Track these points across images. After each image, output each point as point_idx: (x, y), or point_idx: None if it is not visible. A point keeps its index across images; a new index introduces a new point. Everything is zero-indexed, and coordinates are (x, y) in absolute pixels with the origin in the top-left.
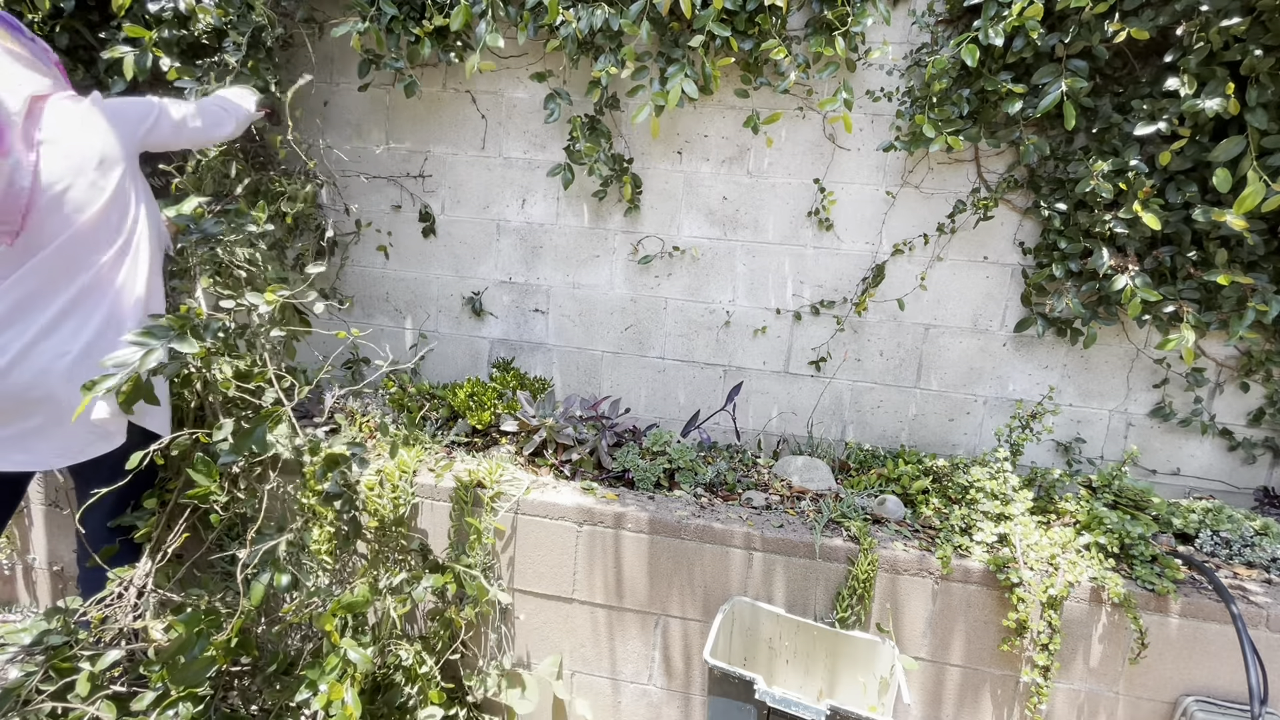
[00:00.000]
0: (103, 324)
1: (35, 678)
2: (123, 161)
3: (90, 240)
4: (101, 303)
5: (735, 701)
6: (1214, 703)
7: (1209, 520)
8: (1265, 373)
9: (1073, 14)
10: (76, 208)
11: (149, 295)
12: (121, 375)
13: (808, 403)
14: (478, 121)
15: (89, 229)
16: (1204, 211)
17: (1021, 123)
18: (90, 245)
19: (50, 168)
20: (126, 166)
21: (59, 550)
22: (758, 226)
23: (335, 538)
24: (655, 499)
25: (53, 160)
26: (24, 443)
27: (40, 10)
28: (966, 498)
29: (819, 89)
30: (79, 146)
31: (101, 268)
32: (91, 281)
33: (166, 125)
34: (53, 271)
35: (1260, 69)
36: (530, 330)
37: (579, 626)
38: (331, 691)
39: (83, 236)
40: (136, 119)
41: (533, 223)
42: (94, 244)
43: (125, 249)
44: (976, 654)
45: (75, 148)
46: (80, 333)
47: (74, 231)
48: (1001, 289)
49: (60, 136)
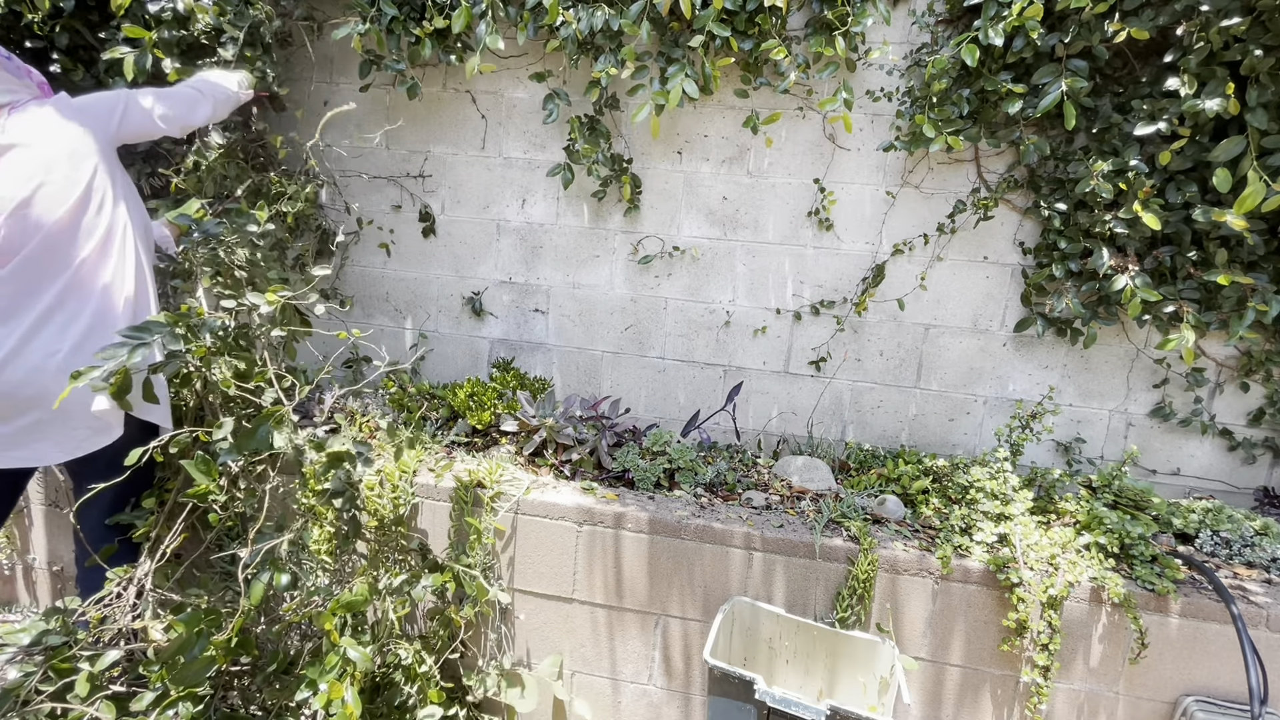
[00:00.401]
0: (92, 321)
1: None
2: (96, 155)
3: (68, 236)
4: (88, 300)
5: (735, 701)
6: (1214, 703)
7: (1209, 520)
8: (1265, 373)
9: (1073, 14)
10: (51, 205)
11: (138, 291)
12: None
13: (808, 403)
14: (478, 121)
15: (65, 225)
16: (1204, 211)
17: (1021, 123)
18: (69, 241)
19: (21, 170)
20: (101, 161)
21: (59, 550)
22: (758, 226)
23: (335, 537)
24: (655, 499)
25: (24, 163)
26: (21, 440)
27: (40, 10)
28: (966, 498)
29: (819, 89)
30: (49, 145)
31: (83, 264)
32: (74, 278)
33: (137, 112)
34: (33, 271)
35: (1260, 69)
36: (530, 330)
37: (579, 626)
38: (331, 690)
39: (60, 233)
40: (106, 111)
41: (533, 223)
42: (72, 240)
43: (107, 244)
44: (976, 654)
45: (45, 147)
46: (69, 330)
47: (50, 229)
48: (1001, 289)
49: (30, 140)
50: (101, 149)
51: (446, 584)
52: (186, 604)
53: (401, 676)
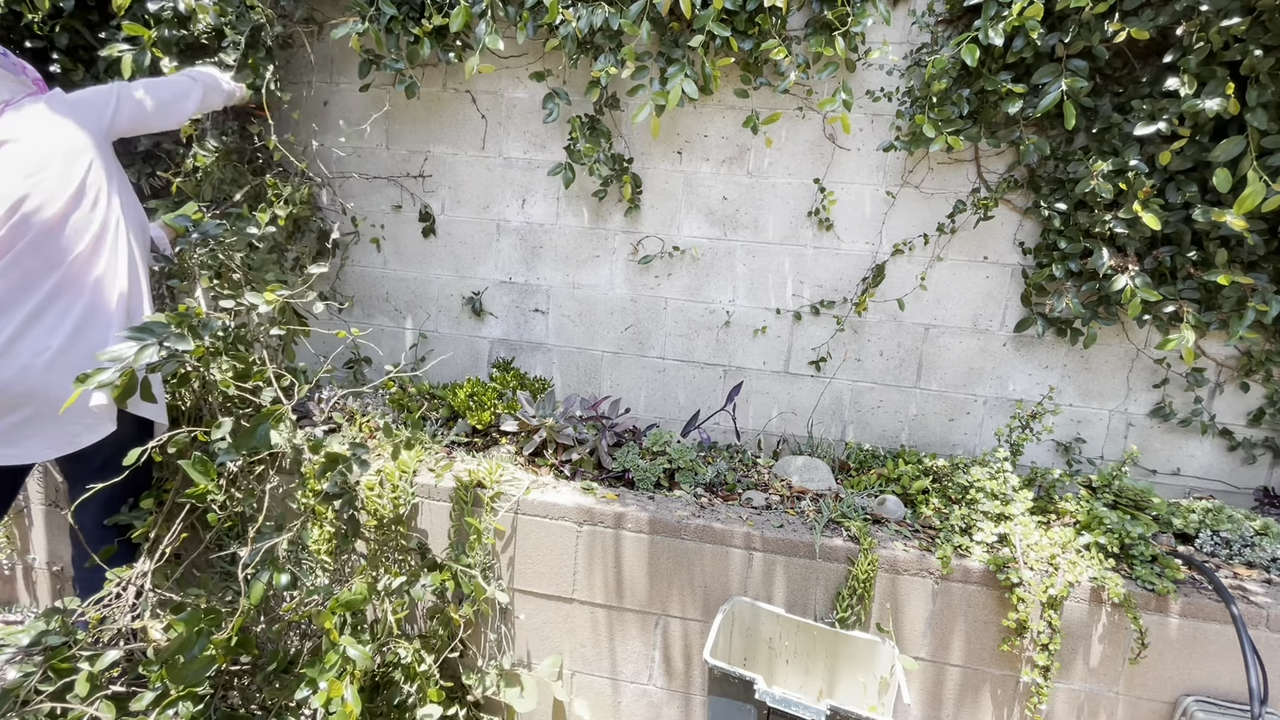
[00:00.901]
0: (82, 318)
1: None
2: (90, 151)
3: (61, 233)
4: (79, 297)
5: (735, 701)
6: (1214, 703)
7: (1209, 520)
8: (1265, 373)
9: (1073, 14)
10: (44, 202)
11: (131, 288)
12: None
13: (808, 403)
14: (477, 121)
15: (59, 221)
16: (1204, 211)
17: (1021, 123)
18: (62, 238)
19: (15, 167)
20: (96, 156)
21: (59, 550)
22: (758, 226)
23: (335, 537)
24: (655, 499)
25: (17, 160)
26: (11, 438)
27: (40, 10)
28: (966, 498)
29: (819, 89)
30: (42, 141)
31: (76, 260)
32: (67, 275)
33: (129, 103)
34: (26, 268)
35: (1260, 69)
36: (530, 330)
37: (579, 626)
38: (331, 689)
39: (53, 230)
40: (99, 105)
41: (533, 223)
42: (66, 236)
43: (100, 240)
44: (976, 654)
45: (39, 143)
46: (59, 328)
47: (43, 225)
48: (1001, 289)
49: (21, 135)
50: (97, 144)
51: (446, 583)
52: (186, 603)
53: (401, 675)
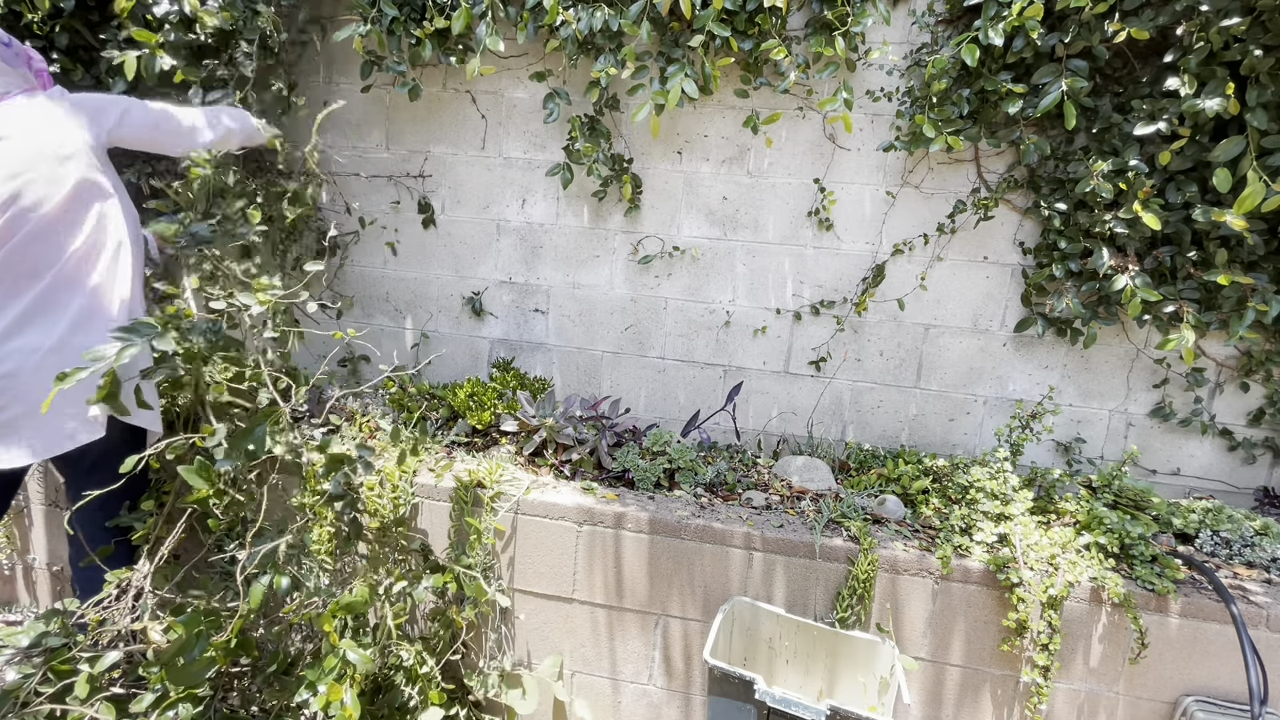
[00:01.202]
0: (76, 321)
1: (34, 679)
2: (87, 153)
3: (53, 234)
4: (72, 300)
5: (735, 701)
6: (1214, 703)
7: (1209, 520)
8: (1265, 373)
9: (1073, 14)
10: (35, 202)
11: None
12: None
13: (808, 403)
14: (478, 121)
15: (50, 222)
16: (1204, 211)
17: (1021, 123)
18: (54, 239)
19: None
20: (92, 158)
21: (59, 550)
22: (758, 226)
23: (335, 538)
24: (655, 499)
25: (6, 156)
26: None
27: (40, 10)
28: (966, 498)
29: (819, 89)
30: (35, 139)
31: (68, 262)
32: (58, 278)
33: (140, 115)
34: (15, 269)
35: (1260, 69)
36: (530, 330)
37: (579, 626)
38: (331, 692)
39: (44, 230)
40: (101, 109)
41: (533, 223)
42: (58, 238)
43: (96, 244)
44: (976, 654)
45: (30, 141)
46: (51, 330)
47: (34, 226)
48: (1001, 289)
49: (13, 133)
50: (93, 145)
51: (447, 584)
52: (186, 605)
53: (402, 678)
